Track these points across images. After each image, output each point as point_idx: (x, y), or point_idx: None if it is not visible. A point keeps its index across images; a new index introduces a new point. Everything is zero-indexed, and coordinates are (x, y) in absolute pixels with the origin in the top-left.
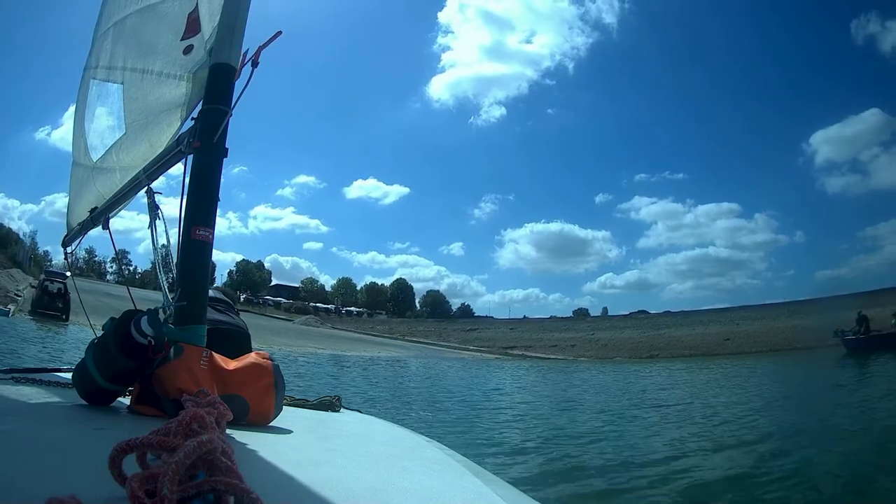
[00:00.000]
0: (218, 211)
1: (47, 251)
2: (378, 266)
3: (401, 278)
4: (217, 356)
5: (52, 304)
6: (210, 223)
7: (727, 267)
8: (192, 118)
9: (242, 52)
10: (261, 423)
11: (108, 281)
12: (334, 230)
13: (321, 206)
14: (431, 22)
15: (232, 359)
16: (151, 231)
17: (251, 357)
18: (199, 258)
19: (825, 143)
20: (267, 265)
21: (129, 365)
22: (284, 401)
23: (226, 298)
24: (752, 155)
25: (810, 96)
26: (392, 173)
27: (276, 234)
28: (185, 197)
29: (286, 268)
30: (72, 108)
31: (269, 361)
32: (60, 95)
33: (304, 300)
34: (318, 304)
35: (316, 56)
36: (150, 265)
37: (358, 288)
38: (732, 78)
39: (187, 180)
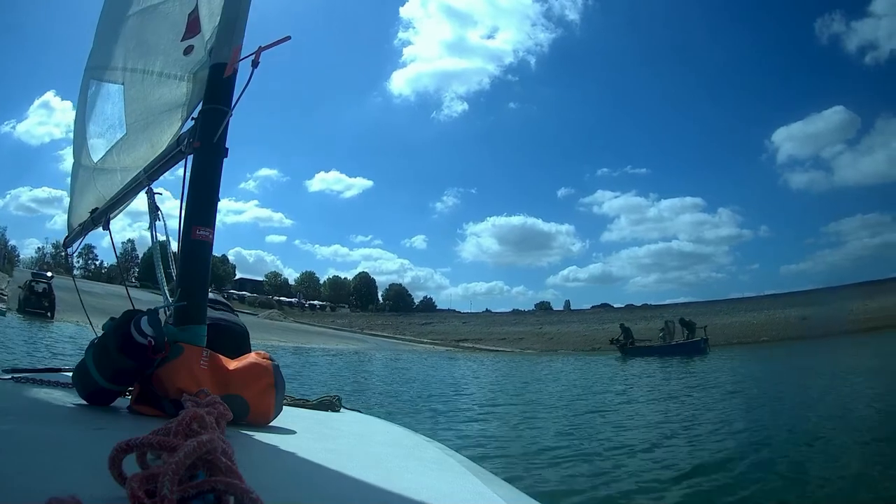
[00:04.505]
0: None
1: (14, 246)
2: (341, 259)
3: (363, 272)
4: (217, 356)
5: (38, 303)
6: (210, 223)
7: (691, 261)
8: (193, 118)
9: (236, 49)
10: (261, 423)
11: (75, 276)
12: (297, 223)
13: (284, 199)
14: (393, 16)
15: (231, 355)
16: (152, 231)
17: (251, 357)
18: (200, 258)
19: (788, 139)
20: (231, 259)
21: (129, 365)
22: (284, 401)
23: (223, 299)
24: (716, 150)
25: (773, 93)
26: (355, 166)
27: (240, 227)
28: (185, 197)
29: (250, 261)
30: (38, 101)
31: (269, 361)
32: (26, 88)
33: (267, 294)
34: (281, 298)
35: (277, 49)
36: (116, 262)
37: (321, 282)
38: (695, 74)
39: (187, 180)
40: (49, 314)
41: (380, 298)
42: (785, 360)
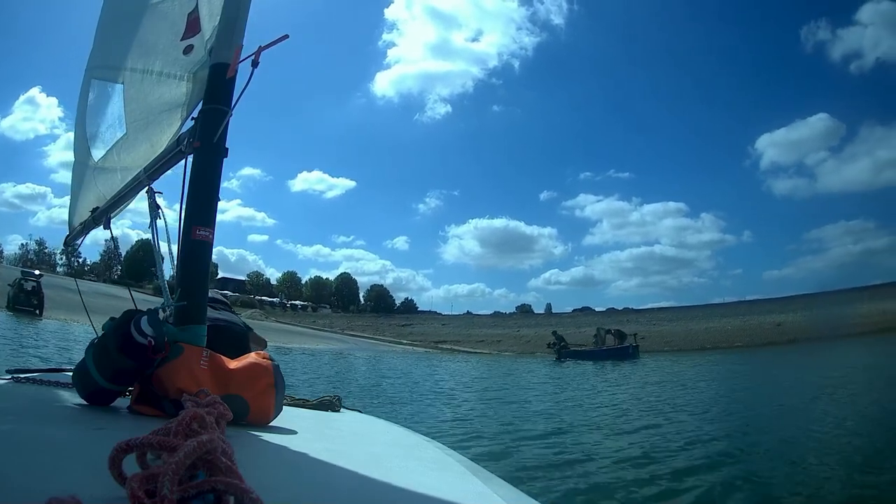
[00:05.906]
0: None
1: None
2: (323, 259)
3: (345, 273)
4: (217, 356)
5: (27, 301)
6: (210, 223)
7: (673, 265)
8: (193, 118)
9: (237, 50)
10: (261, 423)
11: (58, 273)
12: (280, 223)
13: (267, 198)
14: (378, 18)
15: (231, 355)
16: (152, 231)
17: (251, 357)
18: (200, 258)
19: (771, 146)
20: (213, 258)
21: (129, 365)
22: (284, 401)
23: (223, 298)
24: (699, 156)
25: (757, 99)
26: (337, 166)
27: (222, 226)
28: (185, 197)
29: (232, 260)
30: (23, 97)
31: (270, 361)
32: (11, 84)
33: (249, 293)
34: (263, 298)
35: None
36: (100, 257)
37: (303, 282)
38: (679, 80)
39: (188, 180)
40: (38, 311)
41: (361, 299)
42: (722, 365)
